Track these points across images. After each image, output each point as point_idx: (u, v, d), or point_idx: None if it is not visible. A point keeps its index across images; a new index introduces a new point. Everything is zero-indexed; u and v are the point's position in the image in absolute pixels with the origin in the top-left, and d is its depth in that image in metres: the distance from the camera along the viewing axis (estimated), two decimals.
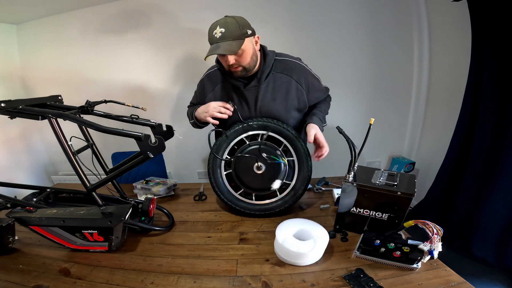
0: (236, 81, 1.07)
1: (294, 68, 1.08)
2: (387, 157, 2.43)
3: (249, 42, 0.98)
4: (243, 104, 1.10)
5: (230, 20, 0.96)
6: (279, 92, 1.08)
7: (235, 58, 0.97)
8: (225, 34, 0.93)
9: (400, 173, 0.87)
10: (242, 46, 0.94)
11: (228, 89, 1.11)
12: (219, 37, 0.94)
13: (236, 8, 1.92)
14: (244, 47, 0.95)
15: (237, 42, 0.93)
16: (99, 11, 1.95)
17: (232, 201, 1.07)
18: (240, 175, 1.05)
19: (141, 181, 1.29)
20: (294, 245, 0.76)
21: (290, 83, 1.07)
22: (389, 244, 0.76)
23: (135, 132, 0.79)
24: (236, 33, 0.94)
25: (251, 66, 1.02)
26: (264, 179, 1.03)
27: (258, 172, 1.02)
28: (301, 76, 1.08)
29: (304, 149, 1.07)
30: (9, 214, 0.82)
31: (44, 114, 0.83)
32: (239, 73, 1.02)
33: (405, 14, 1.97)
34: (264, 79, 1.05)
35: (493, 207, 1.53)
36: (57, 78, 2.12)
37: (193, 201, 1.19)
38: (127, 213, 0.82)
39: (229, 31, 0.93)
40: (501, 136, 1.50)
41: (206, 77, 1.17)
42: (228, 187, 1.09)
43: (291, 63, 1.09)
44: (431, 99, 2.13)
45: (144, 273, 0.75)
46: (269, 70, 1.06)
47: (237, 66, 0.99)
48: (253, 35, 1.01)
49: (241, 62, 0.98)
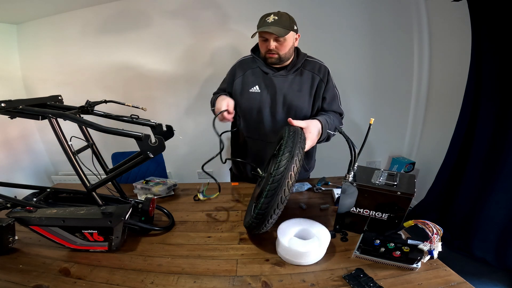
0: (267, 68, 1.18)
1: (321, 68, 1.20)
2: (387, 157, 2.43)
3: (292, 36, 1.11)
4: (269, 91, 1.19)
5: (284, 13, 1.10)
6: (305, 85, 1.18)
7: (276, 45, 1.09)
8: (277, 21, 1.06)
9: (400, 173, 0.87)
10: (287, 35, 1.07)
11: (257, 75, 1.21)
12: (271, 22, 1.06)
13: (236, 8, 1.92)
14: (287, 38, 1.08)
15: (285, 30, 1.06)
16: (99, 11, 1.95)
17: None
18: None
19: (141, 181, 1.29)
20: (299, 245, 0.76)
21: (315, 80, 1.18)
22: (389, 244, 0.76)
23: (135, 132, 0.79)
24: (286, 23, 1.07)
25: (286, 57, 1.14)
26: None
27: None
28: (325, 76, 1.19)
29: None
30: (9, 214, 0.82)
31: (44, 114, 0.83)
32: (274, 60, 1.13)
33: (405, 15, 1.98)
34: (293, 72, 1.18)
35: (493, 207, 1.53)
36: (57, 78, 2.12)
37: (193, 201, 1.19)
38: (127, 213, 0.82)
39: (281, 20, 1.07)
40: (501, 136, 1.50)
41: (238, 63, 1.28)
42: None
43: (318, 64, 1.22)
44: (431, 99, 2.13)
45: (144, 273, 0.75)
46: (299, 65, 1.18)
47: (275, 53, 1.11)
48: (296, 32, 1.14)
49: (279, 50, 1.10)
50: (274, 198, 0.72)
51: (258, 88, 1.20)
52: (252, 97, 1.20)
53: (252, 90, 1.21)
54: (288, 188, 0.72)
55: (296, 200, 1.14)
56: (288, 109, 1.18)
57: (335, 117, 1.18)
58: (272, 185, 0.71)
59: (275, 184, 0.71)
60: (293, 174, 0.72)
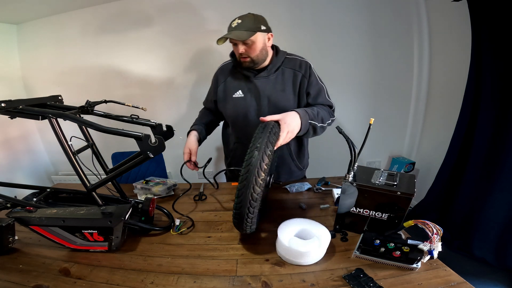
0: (247, 71, 1.16)
1: (302, 64, 1.18)
2: (387, 157, 2.43)
3: (261, 36, 1.08)
4: (252, 94, 1.18)
5: (249, 15, 1.09)
6: (288, 84, 1.16)
7: (245, 48, 1.07)
8: (240, 24, 1.05)
9: (400, 173, 0.87)
10: (253, 37, 1.04)
11: (239, 80, 1.20)
12: (235, 26, 1.06)
13: (236, 8, 1.92)
14: (255, 39, 1.06)
15: (248, 33, 1.04)
16: (99, 11, 1.95)
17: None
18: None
19: (141, 181, 1.29)
20: (299, 245, 0.76)
21: (297, 77, 1.16)
22: (389, 244, 0.76)
23: (135, 132, 0.79)
24: (249, 25, 1.05)
25: (259, 60, 1.12)
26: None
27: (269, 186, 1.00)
28: (307, 71, 1.18)
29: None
30: (9, 214, 0.82)
31: (44, 114, 0.83)
32: (247, 63, 1.12)
33: (405, 14, 1.98)
34: (274, 71, 1.16)
35: (493, 207, 1.54)
36: (57, 78, 2.12)
37: (193, 201, 1.19)
38: (127, 213, 0.82)
39: (244, 23, 1.05)
40: (501, 136, 1.50)
41: (219, 70, 1.28)
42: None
43: (298, 60, 1.20)
44: (431, 99, 2.13)
45: (144, 273, 0.75)
46: (279, 64, 1.16)
47: (246, 56, 1.09)
48: (266, 32, 1.10)
49: (250, 53, 1.08)
50: (245, 196, 0.71)
51: (241, 93, 1.19)
52: (236, 102, 1.20)
53: (235, 95, 1.20)
54: (257, 186, 0.71)
55: (296, 200, 1.14)
56: (274, 110, 1.13)
57: (322, 109, 1.14)
58: (241, 184, 0.72)
59: (244, 182, 0.71)
60: (261, 170, 0.71)
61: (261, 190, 0.73)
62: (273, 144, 0.79)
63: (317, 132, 1.09)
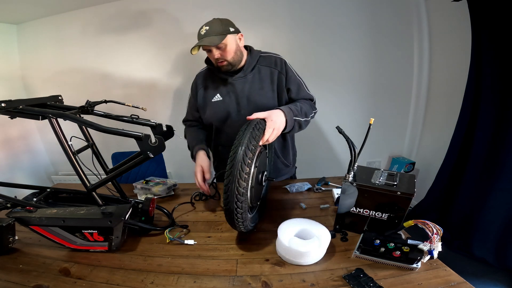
0: (224, 74, 1.17)
1: (277, 61, 1.20)
2: (387, 157, 2.43)
3: (232, 38, 1.10)
4: (231, 96, 1.19)
5: (215, 20, 1.10)
6: (265, 81, 1.18)
7: (220, 52, 1.09)
8: (209, 31, 1.06)
9: (400, 173, 0.87)
10: (224, 41, 1.06)
11: (217, 84, 1.21)
12: (204, 33, 1.07)
13: (236, 8, 1.92)
14: (227, 42, 1.07)
15: (219, 37, 1.05)
16: (99, 11, 1.95)
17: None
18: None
19: (141, 181, 1.29)
20: (299, 244, 0.76)
21: (274, 74, 1.18)
22: (389, 244, 0.76)
23: (135, 132, 0.79)
24: (218, 30, 1.07)
25: (236, 61, 1.13)
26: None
27: (264, 184, 0.98)
28: (283, 68, 1.19)
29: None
30: (9, 214, 0.82)
31: (44, 114, 0.83)
32: (225, 67, 1.13)
33: (405, 14, 1.98)
34: (250, 71, 1.17)
35: (493, 207, 1.53)
36: (57, 78, 2.12)
37: (193, 201, 1.19)
38: (127, 213, 0.82)
39: (212, 28, 1.07)
40: (501, 136, 1.50)
41: (196, 78, 1.30)
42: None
43: (273, 57, 1.21)
44: (431, 99, 2.13)
45: (144, 273, 0.75)
46: (254, 63, 1.18)
47: (223, 60, 1.11)
48: (236, 33, 1.12)
49: (225, 56, 1.10)
50: (231, 191, 0.72)
51: (219, 96, 1.20)
52: (216, 106, 1.21)
53: (214, 99, 1.21)
54: (242, 180, 0.72)
55: (296, 200, 1.14)
56: (254, 109, 1.11)
57: (304, 104, 1.15)
58: (227, 180, 0.73)
59: (229, 177, 0.72)
60: (245, 164, 0.72)
61: (246, 184, 0.74)
62: (257, 139, 0.80)
63: (302, 127, 1.11)
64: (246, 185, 0.74)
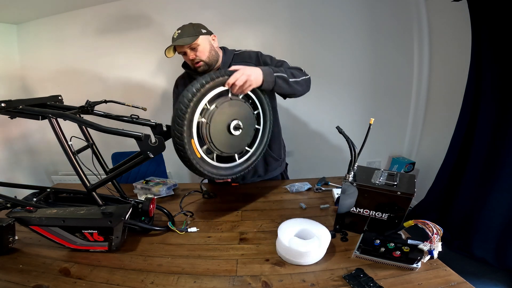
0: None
1: (251, 55, 1.21)
2: (387, 157, 2.43)
3: (205, 39, 1.15)
4: None
5: (187, 24, 1.16)
6: None
7: (194, 53, 1.12)
8: (181, 34, 1.12)
9: (400, 173, 0.87)
10: (197, 41, 1.11)
11: None
12: (176, 36, 1.13)
13: (236, 8, 1.92)
14: (200, 42, 1.12)
15: (190, 38, 1.11)
16: (99, 11, 1.95)
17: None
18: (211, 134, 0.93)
19: (141, 181, 1.29)
20: (299, 244, 0.76)
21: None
22: (389, 244, 0.76)
23: (135, 132, 0.79)
24: (190, 32, 1.12)
25: (212, 61, 1.16)
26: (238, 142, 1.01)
27: (236, 134, 0.97)
28: (258, 59, 1.20)
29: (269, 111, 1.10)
30: (9, 214, 0.82)
31: (44, 114, 0.83)
32: (202, 67, 1.16)
33: (405, 14, 1.98)
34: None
35: (493, 207, 1.53)
36: (57, 78, 2.12)
37: (194, 201, 1.19)
38: (127, 213, 0.82)
39: (184, 31, 1.13)
40: (501, 136, 1.50)
41: (176, 82, 1.33)
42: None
43: (247, 53, 1.23)
44: (431, 99, 2.13)
45: (144, 273, 0.75)
46: (230, 61, 1.19)
47: (199, 61, 1.13)
48: (208, 34, 1.17)
49: (200, 56, 1.13)
50: (174, 114, 0.83)
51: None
52: None
53: None
54: (183, 105, 0.82)
55: (296, 200, 1.14)
56: None
57: (291, 68, 1.12)
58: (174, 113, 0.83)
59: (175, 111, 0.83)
60: (189, 92, 0.82)
61: (186, 108, 0.82)
62: (215, 77, 0.87)
63: (291, 86, 1.06)
64: (185, 109, 0.82)
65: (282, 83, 1.03)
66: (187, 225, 0.96)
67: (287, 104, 2.08)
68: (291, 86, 1.06)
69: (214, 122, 0.90)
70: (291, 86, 1.06)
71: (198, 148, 0.90)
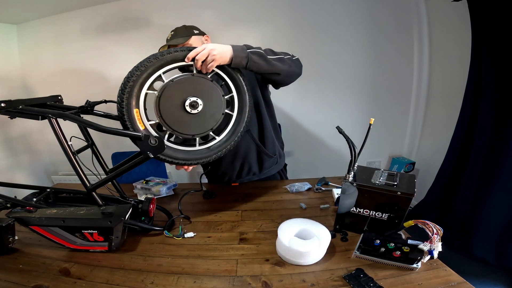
0: None
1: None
2: (387, 157, 2.43)
3: (197, 39, 1.21)
4: None
5: (180, 26, 1.24)
6: None
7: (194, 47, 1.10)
8: (174, 35, 1.20)
9: (400, 173, 0.87)
10: (190, 41, 1.17)
11: None
12: (170, 38, 1.20)
13: (236, 8, 1.92)
14: (192, 43, 1.18)
15: (183, 38, 1.17)
16: (99, 11, 1.95)
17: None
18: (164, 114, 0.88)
19: (141, 181, 1.29)
20: (299, 245, 0.76)
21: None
22: (389, 244, 0.76)
23: (135, 132, 0.79)
24: (183, 33, 1.19)
25: None
26: (200, 122, 0.91)
27: (193, 112, 0.88)
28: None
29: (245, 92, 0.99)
30: (9, 214, 0.82)
31: (44, 114, 0.83)
32: None
33: (405, 14, 1.97)
34: None
35: (493, 207, 1.53)
36: (57, 78, 2.12)
37: (194, 201, 1.19)
38: (127, 213, 0.82)
39: (177, 33, 1.20)
40: (501, 136, 1.50)
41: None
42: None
43: None
44: (431, 99, 2.13)
45: (144, 273, 0.75)
46: None
47: None
48: (201, 35, 1.24)
49: None
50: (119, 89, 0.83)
51: None
52: None
53: None
54: (133, 75, 0.84)
55: (296, 200, 1.14)
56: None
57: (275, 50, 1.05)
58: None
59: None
60: (142, 64, 0.86)
61: (131, 76, 0.83)
62: (171, 51, 0.87)
63: (270, 63, 0.97)
64: (131, 77, 0.83)
65: (257, 59, 0.94)
66: (183, 230, 0.94)
67: (287, 104, 2.09)
68: (270, 63, 0.97)
69: (166, 96, 0.86)
70: (269, 63, 0.97)
71: (144, 120, 0.86)
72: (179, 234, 0.92)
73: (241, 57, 0.91)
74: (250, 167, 1.31)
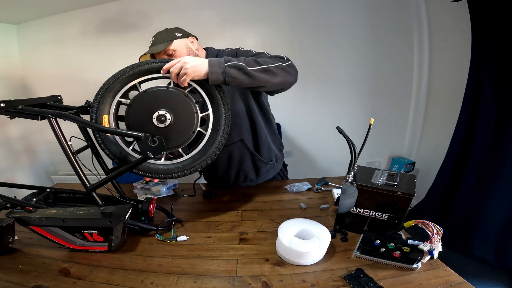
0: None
1: (231, 52, 1.16)
2: (387, 157, 2.43)
3: (181, 43, 1.13)
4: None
5: (161, 31, 1.16)
6: None
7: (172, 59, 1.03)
8: (154, 41, 1.13)
9: (400, 173, 0.87)
10: (171, 46, 1.10)
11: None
12: (150, 44, 1.14)
13: (236, 8, 1.92)
14: (175, 47, 1.11)
15: (164, 44, 1.09)
16: (99, 11, 1.95)
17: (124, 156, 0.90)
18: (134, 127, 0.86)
19: (141, 181, 1.29)
20: (299, 245, 0.76)
21: None
22: (389, 244, 0.76)
23: (135, 132, 0.79)
24: (164, 38, 1.11)
25: None
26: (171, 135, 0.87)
27: (159, 126, 0.85)
28: (235, 56, 1.12)
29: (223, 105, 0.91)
30: (9, 214, 0.82)
31: (43, 114, 0.83)
32: None
33: (405, 14, 1.97)
34: None
35: (493, 207, 1.53)
36: (57, 78, 2.12)
37: (194, 201, 1.19)
38: (127, 213, 0.82)
39: (157, 38, 1.13)
40: (501, 136, 1.50)
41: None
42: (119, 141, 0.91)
43: (228, 51, 1.18)
44: (431, 99, 2.13)
45: (144, 273, 0.75)
46: None
47: None
48: (184, 37, 1.14)
49: None
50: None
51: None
52: None
53: None
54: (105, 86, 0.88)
55: (296, 200, 1.14)
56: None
57: (260, 57, 0.99)
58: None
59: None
60: (115, 76, 0.89)
61: (107, 83, 0.88)
62: (149, 62, 0.89)
63: (251, 76, 0.89)
64: (106, 84, 0.88)
65: (236, 74, 0.87)
66: (176, 234, 0.92)
67: (287, 104, 2.09)
68: (251, 76, 0.89)
69: (136, 106, 0.86)
70: (251, 76, 0.89)
71: (112, 126, 0.89)
72: (171, 237, 0.90)
73: (217, 73, 0.86)
74: (246, 175, 1.27)
